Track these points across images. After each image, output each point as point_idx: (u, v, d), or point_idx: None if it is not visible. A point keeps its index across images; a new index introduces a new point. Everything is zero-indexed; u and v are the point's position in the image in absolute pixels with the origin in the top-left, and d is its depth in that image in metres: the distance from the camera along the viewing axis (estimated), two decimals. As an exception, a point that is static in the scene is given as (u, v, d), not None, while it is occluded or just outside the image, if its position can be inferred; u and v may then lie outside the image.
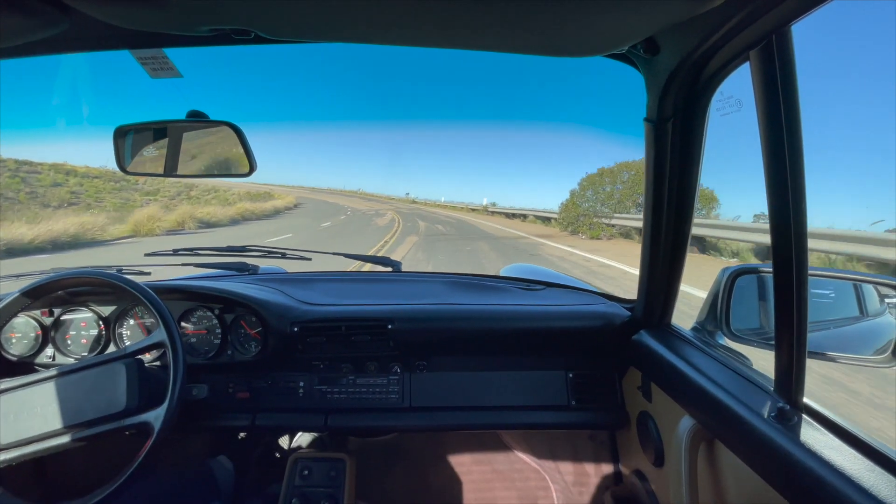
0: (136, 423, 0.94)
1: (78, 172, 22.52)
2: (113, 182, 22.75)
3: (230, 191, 32.19)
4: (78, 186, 20.57)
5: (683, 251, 1.02)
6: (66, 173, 21.81)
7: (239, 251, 1.52)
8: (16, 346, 1.26)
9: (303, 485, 1.34)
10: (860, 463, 0.61)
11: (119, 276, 1.04)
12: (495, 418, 1.30)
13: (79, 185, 20.92)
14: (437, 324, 1.28)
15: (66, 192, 18.98)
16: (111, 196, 20.44)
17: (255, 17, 0.70)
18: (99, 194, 20.28)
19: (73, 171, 22.38)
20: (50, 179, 20.05)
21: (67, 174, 21.74)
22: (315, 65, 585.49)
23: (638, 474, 1.24)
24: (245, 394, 1.28)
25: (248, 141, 1.05)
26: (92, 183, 21.64)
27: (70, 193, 19.08)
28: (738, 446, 0.78)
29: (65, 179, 20.91)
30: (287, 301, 1.28)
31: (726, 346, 1.06)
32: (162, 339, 0.99)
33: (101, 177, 23.07)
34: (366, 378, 1.30)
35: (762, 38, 0.66)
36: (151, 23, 0.72)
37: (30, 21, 0.69)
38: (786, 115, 0.64)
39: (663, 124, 0.91)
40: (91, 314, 1.26)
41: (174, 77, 0.96)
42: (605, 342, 1.30)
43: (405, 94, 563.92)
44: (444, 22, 0.69)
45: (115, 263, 1.40)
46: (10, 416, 0.92)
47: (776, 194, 0.67)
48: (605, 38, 0.74)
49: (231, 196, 28.47)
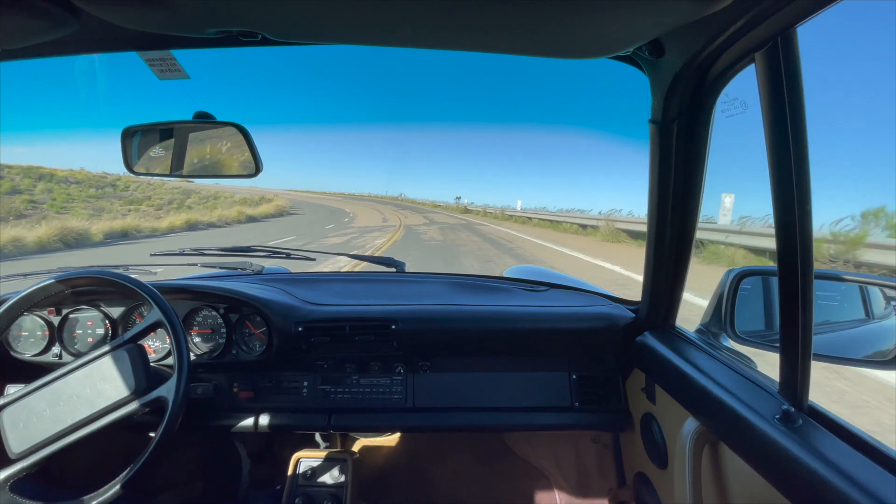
0: (149, 400, 0.95)
1: (57, 177, 20.81)
2: (94, 189, 21.00)
3: (233, 196, 30.26)
4: (45, 193, 18.68)
5: (688, 253, 1.02)
6: (39, 178, 20.07)
7: (244, 251, 1.54)
8: (23, 345, 1.27)
9: (306, 484, 1.34)
10: (865, 466, 0.61)
11: (121, 275, 1.05)
12: (498, 419, 1.30)
13: (47, 191, 19.08)
14: (441, 324, 1.28)
15: (23, 201, 17.12)
16: (83, 205, 18.44)
17: (262, 19, 0.71)
18: (69, 203, 18.20)
19: (49, 176, 20.64)
20: (9, 185, 18.15)
21: (40, 179, 19.96)
22: (323, 66, 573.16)
23: (641, 477, 1.24)
24: (249, 393, 1.28)
25: (255, 142, 1.06)
26: (65, 189, 19.84)
27: (28, 203, 17.15)
28: (742, 449, 0.78)
29: (31, 185, 19.11)
30: (291, 301, 1.29)
31: (731, 349, 1.06)
32: (158, 318, 1.00)
33: (83, 182, 21.39)
34: (369, 378, 1.31)
35: (767, 41, 0.66)
36: (160, 25, 0.73)
37: (40, 22, 0.70)
38: (791, 118, 0.64)
39: (668, 126, 0.91)
40: (98, 313, 1.27)
41: (181, 78, 0.97)
42: (608, 343, 1.30)
43: (424, 96, 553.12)
44: (450, 24, 0.69)
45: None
46: (20, 426, 0.93)
47: (781, 196, 0.67)
48: (611, 40, 0.74)
49: (227, 203, 26.12)
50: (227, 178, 1.14)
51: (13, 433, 0.92)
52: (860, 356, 0.98)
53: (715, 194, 10.45)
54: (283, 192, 64.62)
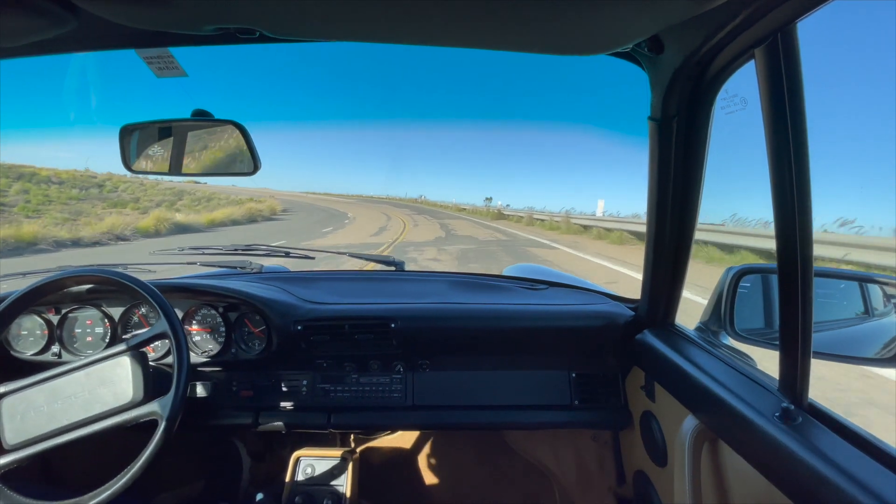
0: (143, 413, 0.94)
1: (38, 176, 19.72)
2: (77, 189, 19.67)
3: (230, 197, 28.55)
4: (20, 194, 17.12)
5: (688, 250, 1.02)
6: (18, 178, 18.83)
7: (243, 250, 1.54)
8: (22, 343, 1.27)
9: (306, 483, 1.34)
10: (865, 464, 0.61)
11: (121, 273, 1.04)
12: (498, 417, 1.30)
13: (22, 192, 17.55)
14: (440, 323, 1.28)
15: (-14, 203, 15.30)
16: (59, 207, 16.89)
17: (260, 16, 0.70)
18: (44, 205, 16.70)
19: (29, 175, 19.50)
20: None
21: (19, 178, 18.76)
22: (321, 63, 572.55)
23: (641, 475, 1.24)
24: (248, 392, 1.28)
25: (253, 139, 1.05)
26: (44, 190, 18.38)
27: (-5, 204, 15.32)
28: (741, 446, 0.78)
29: (7, 185, 17.82)
30: (291, 299, 1.29)
31: (730, 346, 1.06)
32: (164, 330, 0.99)
33: (67, 182, 20.30)
34: (369, 377, 1.31)
35: (767, 37, 0.65)
36: (157, 22, 0.73)
37: (37, 20, 0.69)
38: (791, 114, 0.64)
39: (668, 122, 0.91)
40: (97, 312, 1.27)
41: (179, 76, 0.97)
42: (608, 342, 1.29)
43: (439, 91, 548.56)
44: (449, 20, 0.69)
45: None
46: (17, 417, 0.93)
47: (781, 193, 0.67)
48: (610, 37, 0.74)
49: (220, 204, 23.71)
50: (226, 175, 1.14)
51: (10, 424, 0.93)
52: (860, 354, 0.98)
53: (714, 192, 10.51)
54: (285, 194, 63.39)
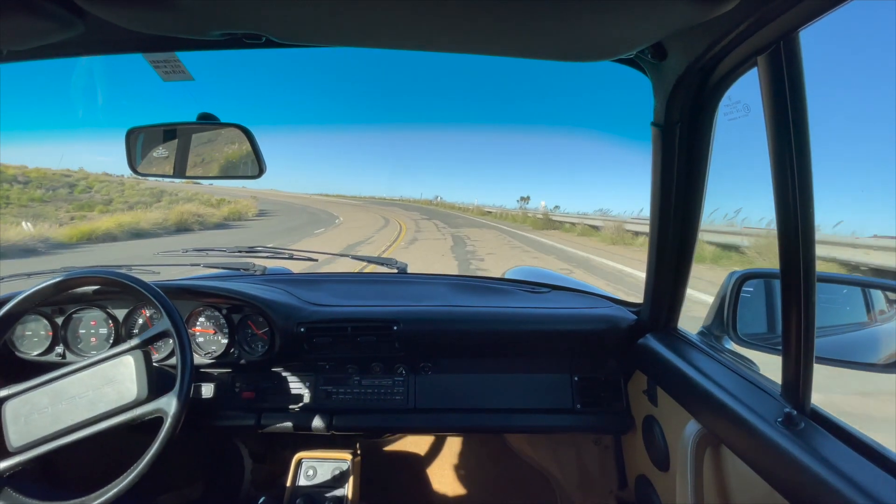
0: (148, 410, 0.95)
1: (5, 175, 19.40)
2: (43, 190, 19.19)
3: (215, 196, 27.27)
4: None
5: (690, 254, 1.02)
6: None
7: (247, 252, 1.54)
8: (27, 344, 1.28)
9: (307, 485, 1.34)
10: (867, 469, 0.61)
11: (125, 275, 1.05)
12: (500, 421, 1.30)
13: None
14: (443, 325, 1.28)
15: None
16: (18, 210, 16.34)
17: (266, 21, 0.71)
18: (14, 206, 16.48)
19: (7, 176, 19.19)
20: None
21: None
22: (329, 67, 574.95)
23: (643, 479, 1.23)
24: (251, 393, 1.29)
25: (258, 143, 1.06)
26: (5, 190, 17.95)
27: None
28: (744, 451, 0.78)
29: None
30: (294, 301, 1.29)
31: (733, 351, 1.06)
32: (167, 328, 1.00)
33: (34, 181, 19.85)
34: (371, 379, 1.31)
35: (770, 44, 0.66)
36: (165, 27, 0.73)
37: (45, 24, 0.70)
38: (793, 121, 0.65)
39: (671, 128, 0.91)
40: (101, 313, 1.28)
41: (186, 80, 0.98)
42: (610, 345, 1.29)
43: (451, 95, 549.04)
44: (454, 27, 0.70)
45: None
46: (21, 420, 0.93)
47: (784, 199, 0.67)
48: (614, 43, 0.75)
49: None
50: (231, 178, 1.15)
51: (14, 426, 0.93)
52: (863, 359, 0.98)
53: (716, 197, 10.54)
54: (280, 194, 62.84)
